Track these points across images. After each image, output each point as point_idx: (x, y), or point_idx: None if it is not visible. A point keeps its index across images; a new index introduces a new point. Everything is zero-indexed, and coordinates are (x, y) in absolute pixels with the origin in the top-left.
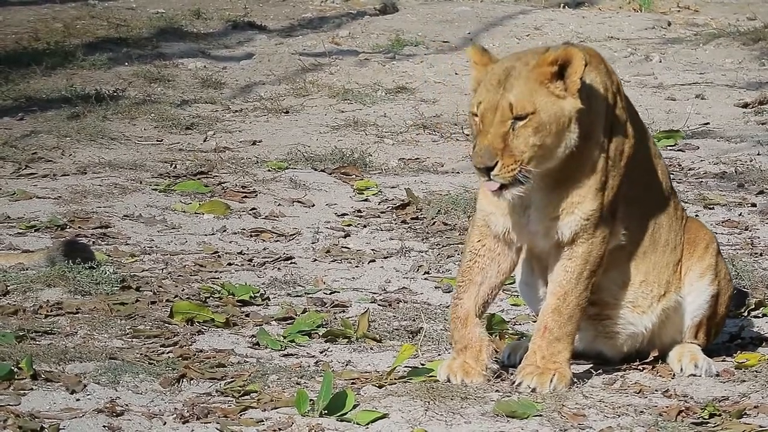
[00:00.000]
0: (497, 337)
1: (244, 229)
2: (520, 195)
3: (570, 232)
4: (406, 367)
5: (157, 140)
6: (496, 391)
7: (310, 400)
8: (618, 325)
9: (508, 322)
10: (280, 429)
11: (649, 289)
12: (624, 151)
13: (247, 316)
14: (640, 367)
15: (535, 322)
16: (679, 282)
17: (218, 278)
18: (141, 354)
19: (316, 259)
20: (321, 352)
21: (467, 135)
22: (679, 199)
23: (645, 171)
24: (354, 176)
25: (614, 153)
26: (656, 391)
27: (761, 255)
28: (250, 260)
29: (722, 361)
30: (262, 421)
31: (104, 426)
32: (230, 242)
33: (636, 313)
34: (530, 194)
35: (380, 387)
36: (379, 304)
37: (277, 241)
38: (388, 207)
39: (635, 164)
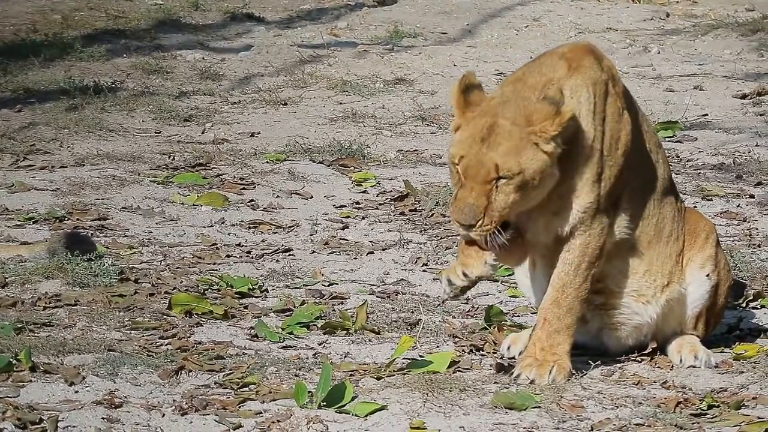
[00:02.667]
0: (495, 329)
1: (242, 221)
2: (507, 239)
3: (568, 226)
4: (404, 358)
5: (156, 132)
6: (495, 382)
7: (309, 392)
8: (623, 315)
9: (507, 313)
10: (278, 421)
11: (653, 279)
12: (620, 139)
13: (246, 308)
14: (638, 359)
15: (534, 313)
16: (681, 273)
17: (216, 270)
18: (139, 346)
19: (314, 251)
20: (319, 344)
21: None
22: (678, 191)
23: (647, 160)
24: (352, 168)
25: (609, 143)
26: (655, 382)
27: (759, 246)
28: (249, 252)
29: (721, 352)
30: (261, 413)
31: (103, 418)
32: (228, 234)
33: (641, 302)
34: None
35: (379, 379)
36: (377, 296)
37: (275, 233)
38: (386, 199)
39: (636, 153)
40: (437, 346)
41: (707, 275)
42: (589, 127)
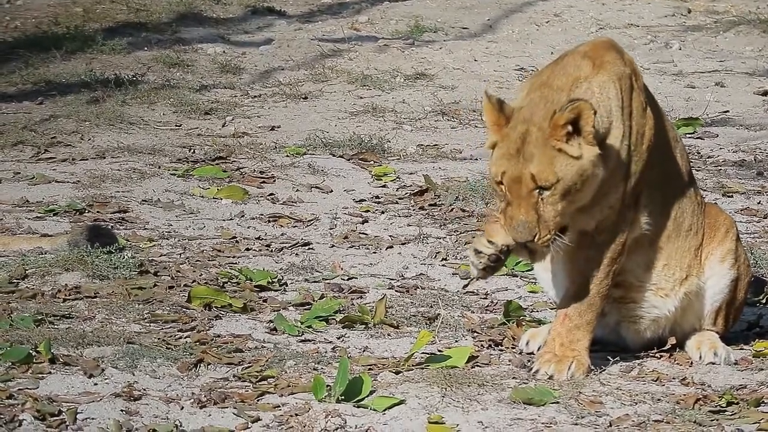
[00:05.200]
0: (514, 324)
1: (262, 215)
2: (565, 243)
3: (595, 222)
4: (423, 353)
5: (176, 125)
6: (513, 378)
7: (327, 385)
8: (642, 308)
9: (526, 309)
10: (297, 414)
11: (671, 273)
12: (645, 134)
13: (265, 301)
14: (657, 355)
15: (553, 309)
16: (700, 266)
17: (236, 263)
18: (159, 339)
19: (333, 245)
20: (338, 338)
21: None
22: (698, 185)
23: (667, 155)
24: (372, 162)
25: (636, 138)
26: (674, 379)
27: None
28: (268, 245)
29: (740, 349)
30: (279, 406)
31: (122, 410)
32: (248, 227)
33: (659, 296)
34: None
35: (397, 373)
36: (396, 291)
37: (294, 226)
38: (406, 193)
39: (657, 148)
40: (456, 341)
41: (727, 269)
42: (618, 123)
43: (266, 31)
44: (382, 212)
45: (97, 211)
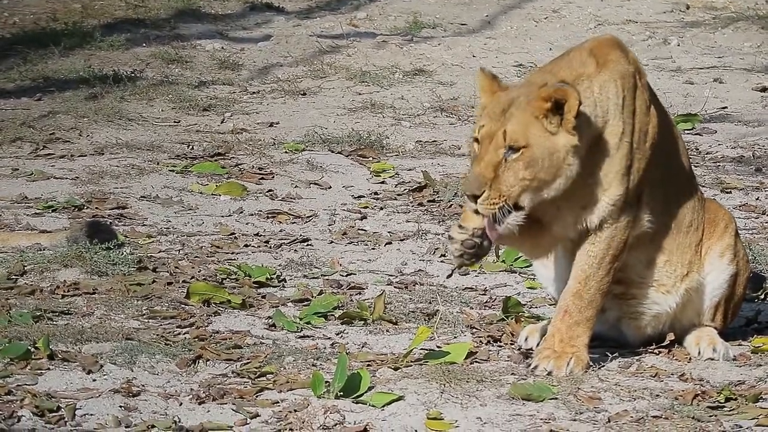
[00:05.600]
0: (513, 320)
1: (260, 211)
2: (517, 224)
3: (598, 219)
4: (422, 349)
5: (175, 121)
6: (512, 374)
7: (326, 381)
8: (643, 304)
9: (524, 305)
10: (295, 410)
11: (672, 269)
12: (648, 132)
13: (264, 297)
14: (656, 351)
15: (551, 305)
16: (700, 262)
17: (235, 259)
18: (157, 335)
19: (332, 241)
20: (337, 334)
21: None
22: (697, 181)
23: (669, 152)
24: (371, 158)
25: (638, 135)
26: (672, 374)
27: None
28: (267, 242)
29: (738, 345)
30: (278, 402)
31: (120, 406)
32: (247, 224)
33: (661, 292)
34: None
35: (396, 369)
36: (395, 287)
37: (293, 222)
38: (404, 189)
39: (660, 146)
40: (455, 337)
41: (726, 264)
42: (617, 120)
43: (265, 27)
44: (381, 208)
45: (96, 208)
